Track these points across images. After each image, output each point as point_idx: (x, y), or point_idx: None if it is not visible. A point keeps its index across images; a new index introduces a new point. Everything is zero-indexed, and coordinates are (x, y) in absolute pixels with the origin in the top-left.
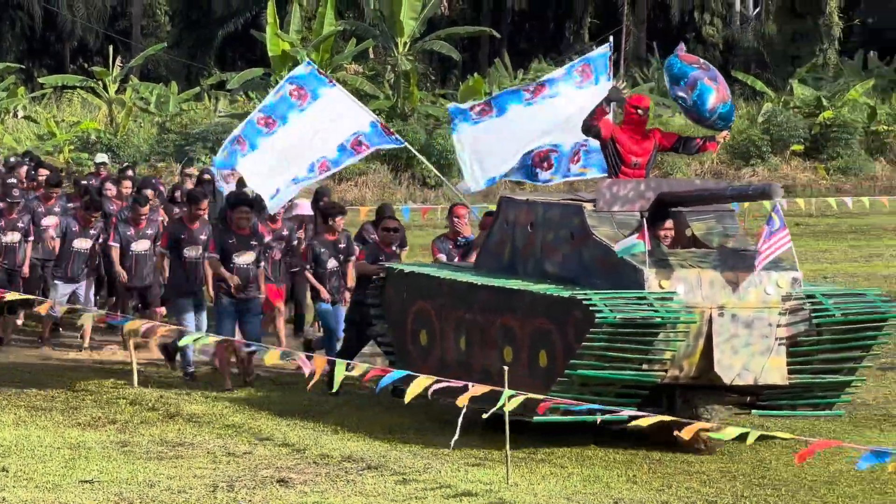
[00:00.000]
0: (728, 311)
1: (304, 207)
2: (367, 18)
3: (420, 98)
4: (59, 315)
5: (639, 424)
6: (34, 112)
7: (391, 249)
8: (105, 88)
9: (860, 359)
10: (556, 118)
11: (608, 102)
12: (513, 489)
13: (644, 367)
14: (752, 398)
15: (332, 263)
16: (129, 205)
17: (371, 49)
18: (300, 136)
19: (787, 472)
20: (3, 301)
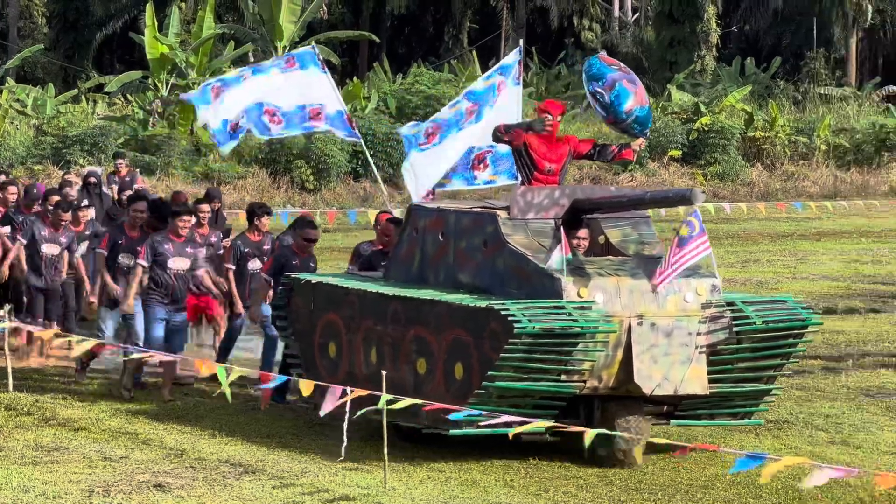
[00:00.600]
0: (647, 320)
1: None
2: (247, 22)
3: None
4: None
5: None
6: None
7: (306, 254)
8: None
9: (780, 367)
10: (485, 131)
11: (527, 130)
12: (390, 493)
13: (563, 378)
14: (671, 408)
15: (256, 264)
16: (52, 208)
17: (251, 52)
18: (269, 84)
19: (664, 477)
20: None
